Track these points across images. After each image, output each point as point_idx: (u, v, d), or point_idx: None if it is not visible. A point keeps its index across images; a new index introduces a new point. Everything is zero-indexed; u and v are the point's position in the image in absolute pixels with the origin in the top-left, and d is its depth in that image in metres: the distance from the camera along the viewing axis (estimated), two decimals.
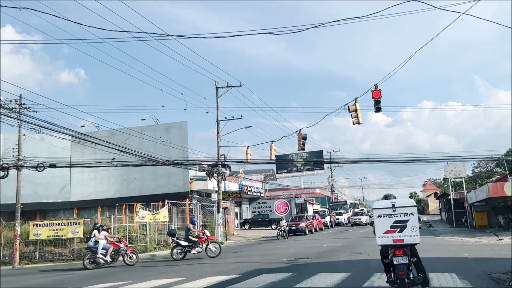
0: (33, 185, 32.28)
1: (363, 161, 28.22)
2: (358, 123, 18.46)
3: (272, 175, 61.98)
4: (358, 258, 13.81)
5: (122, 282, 10.90)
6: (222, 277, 10.54)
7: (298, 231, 32.55)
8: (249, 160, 28.83)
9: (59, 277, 14.22)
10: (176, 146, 30.26)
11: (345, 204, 57.12)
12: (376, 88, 16.63)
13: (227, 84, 30.13)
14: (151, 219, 23.77)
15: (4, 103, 21.16)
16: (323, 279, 9.24)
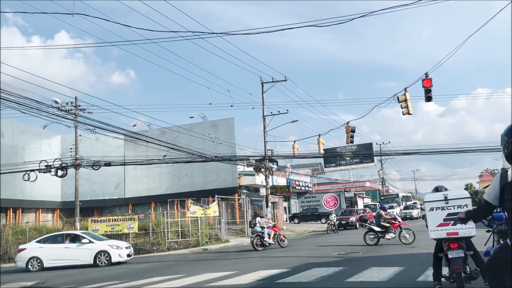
0: (90, 183, 33.83)
1: (415, 152, 27.42)
2: (408, 114, 17.93)
3: (320, 169, 61.45)
4: (412, 252, 13.45)
5: (176, 275, 11.22)
6: (273, 270, 10.61)
7: (348, 225, 32.15)
8: (296, 155, 28.73)
9: (117, 270, 14.85)
10: (224, 142, 30.69)
11: (397, 197, 55.65)
12: (427, 76, 16.09)
13: (272, 79, 30.14)
14: (202, 214, 24.26)
15: (61, 106, 22.28)
16: (375, 273, 9.09)
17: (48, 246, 17.48)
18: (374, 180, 66.79)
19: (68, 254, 17.21)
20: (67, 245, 17.45)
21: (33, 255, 17.17)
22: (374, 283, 8.00)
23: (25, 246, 17.93)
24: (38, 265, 17.10)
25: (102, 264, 16.91)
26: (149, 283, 10.18)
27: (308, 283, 8.43)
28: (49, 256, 17.18)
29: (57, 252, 17.26)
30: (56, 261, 17.20)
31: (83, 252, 17.20)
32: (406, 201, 54.44)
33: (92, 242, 17.52)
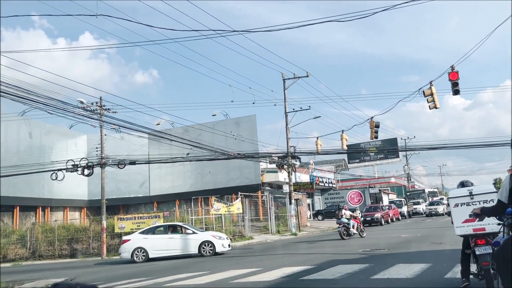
0: (116, 181, 34.41)
1: (441, 147, 26.86)
2: (434, 108, 17.58)
3: (343, 165, 60.96)
4: (439, 248, 13.20)
5: (201, 272, 11.31)
6: (297, 267, 10.57)
7: (373, 221, 31.80)
8: (319, 151, 28.54)
9: (141, 268, 15.06)
10: (246, 139, 30.73)
11: (423, 192, 54.73)
12: (453, 69, 15.74)
13: (294, 75, 29.98)
14: (225, 211, 24.37)
15: (86, 106, 22.69)
16: (401, 270, 8.95)
17: (152, 237, 17.57)
18: (399, 175, 65.87)
19: (172, 244, 17.28)
20: (171, 235, 17.53)
21: (138, 246, 17.21)
22: (401, 280, 7.88)
23: (129, 237, 17.96)
24: (143, 256, 17.15)
25: (207, 254, 16.92)
26: (175, 280, 10.29)
27: (333, 280, 8.36)
28: (153, 246, 17.27)
29: (162, 243, 17.36)
30: (161, 252, 17.32)
31: (187, 243, 17.26)
32: (432, 197, 53.49)
33: (196, 233, 17.69)
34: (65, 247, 24.68)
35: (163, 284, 9.83)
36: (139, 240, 17.43)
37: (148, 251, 17.20)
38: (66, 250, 24.59)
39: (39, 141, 32.19)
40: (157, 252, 17.31)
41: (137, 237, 17.72)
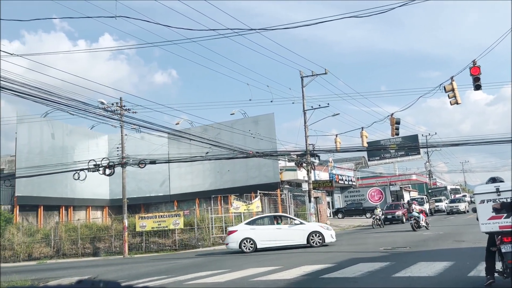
0: (136, 181, 34.81)
1: (463, 143, 26.28)
2: (456, 103, 17.29)
3: (363, 163, 60.40)
4: (462, 246, 13.00)
5: (221, 270, 11.37)
6: (318, 266, 10.53)
7: (394, 219, 31.44)
8: (339, 149, 28.33)
9: (163, 265, 15.22)
10: (265, 138, 30.71)
11: (445, 190, 53.85)
12: (475, 64, 15.43)
13: (312, 72, 29.80)
14: (245, 209, 24.43)
15: (107, 106, 23.01)
16: (423, 268, 8.84)
17: (259, 228, 17.54)
18: (420, 173, 64.94)
19: (280, 235, 17.21)
20: (279, 226, 17.48)
21: (246, 237, 17.16)
22: (423, 279, 7.78)
23: (235, 228, 17.92)
24: (251, 246, 17.06)
25: (316, 244, 16.70)
26: (195, 278, 10.37)
27: (354, 279, 8.31)
28: (261, 237, 17.21)
29: (270, 233, 17.29)
30: (269, 242, 17.21)
31: (295, 233, 17.13)
32: (455, 194, 52.59)
33: (303, 223, 17.72)
34: (88, 245, 25.11)
35: (183, 282, 9.92)
36: (246, 231, 17.33)
37: (256, 241, 17.06)
38: (89, 248, 25.01)
39: (61, 142, 32.77)
40: (264, 242, 17.14)
41: (243, 227, 17.63)
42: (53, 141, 32.11)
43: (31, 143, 30.33)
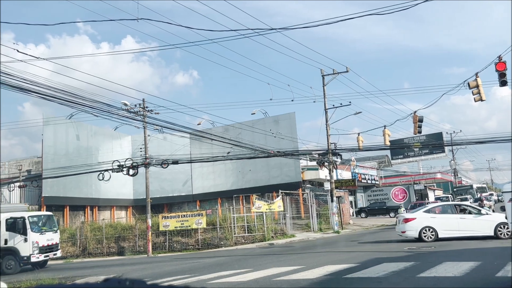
0: (159, 181, 35.23)
1: (489, 141, 25.77)
2: (480, 100, 16.93)
3: (387, 162, 59.68)
4: (489, 246, 12.70)
5: (244, 269, 11.40)
6: (341, 265, 10.46)
7: None
8: (361, 147, 28.07)
9: (187, 265, 15.36)
10: (286, 137, 30.67)
11: (471, 188, 52.76)
12: (500, 59, 15.08)
13: (333, 71, 29.61)
14: (267, 209, 24.43)
15: (130, 108, 23.34)
16: (449, 268, 8.68)
17: (441, 216, 16.90)
18: (445, 171, 63.75)
19: (465, 225, 16.38)
20: (463, 215, 16.78)
21: (426, 225, 16.52)
22: (449, 279, 7.64)
23: (414, 216, 17.28)
24: (432, 235, 16.27)
25: (504, 236, 15.16)
26: (218, 277, 10.42)
27: (378, 278, 8.22)
28: (443, 226, 16.54)
29: (453, 223, 16.54)
30: (451, 232, 16.44)
31: (482, 224, 16.21)
32: (481, 193, 51.52)
33: (489, 214, 16.85)
34: (113, 245, 25.51)
35: (207, 281, 9.99)
36: (426, 219, 16.66)
37: (437, 230, 16.35)
38: (113, 248, 25.41)
39: (86, 143, 33.40)
40: (447, 232, 16.39)
41: (422, 215, 16.98)
42: (78, 142, 32.75)
43: (57, 144, 31.00)
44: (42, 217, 19.51)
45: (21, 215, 18.56)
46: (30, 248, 17.94)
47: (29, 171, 34.09)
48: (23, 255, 17.85)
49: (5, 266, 17.88)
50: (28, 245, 17.95)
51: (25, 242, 17.95)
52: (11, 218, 18.38)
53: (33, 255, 17.94)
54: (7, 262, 17.94)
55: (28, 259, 17.88)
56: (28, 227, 18.10)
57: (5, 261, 17.96)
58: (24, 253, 17.86)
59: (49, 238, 18.98)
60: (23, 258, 17.86)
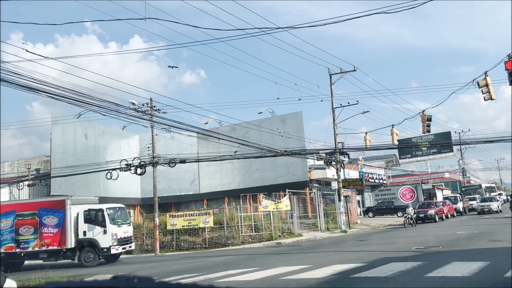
0: (167, 180, 35.33)
1: (498, 140, 25.52)
2: (490, 99, 16.82)
3: (394, 161, 59.41)
4: (498, 246, 12.61)
5: (251, 268, 11.42)
6: (348, 265, 10.43)
7: (426, 218, 30.78)
8: (369, 147, 27.96)
9: (194, 263, 15.41)
10: (293, 136, 30.63)
11: (480, 188, 52.39)
12: (510, 58, 14.95)
13: (341, 70, 29.51)
14: (274, 208, 24.43)
15: (137, 107, 23.44)
16: (457, 268, 8.63)
17: None
18: (453, 170, 63.35)
19: None
20: None
21: None
22: (457, 279, 7.59)
23: None
24: None
25: None
26: (226, 276, 10.45)
27: (385, 278, 8.19)
28: None
29: None
30: None
31: None
32: (490, 192, 51.13)
33: None
34: None
35: (214, 280, 10.02)
36: None
37: None
38: None
39: (94, 142, 33.58)
40: None
41: None
42: (86, 141, 32.94)
43: (65, 143, 31.21)
44: (117, 209, 19.50)
45: (99, 207, 18.60)
46: (110, 239, 17.86)
47: (38, 170, 34.36)
48: (103, 246, 17.77)
49: (84, 259, 17.83)
50: (107, 237, 17.88)
51: (104, 234, 17.87)
52: (89, 210, 18.36)
53: (113, 246, 17.86)
54: (86, 254, 17.89)
55: (108, 250, 17.81)
56: (107, 219, 18.05)
57: (83, 253, 17.91)
58: (104, 245, 17.78)
59: (125, 230, 19.01)
60: (103, 250, 17.80)
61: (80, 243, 18.06)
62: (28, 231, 18.22)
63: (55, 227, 18.09)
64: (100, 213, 18.20)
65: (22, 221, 18.36)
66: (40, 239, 18.12)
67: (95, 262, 17.75)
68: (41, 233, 18.14)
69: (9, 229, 18.36)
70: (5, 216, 18.46)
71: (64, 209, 18.16)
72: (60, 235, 17.97)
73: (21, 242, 18.29)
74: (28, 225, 18.24)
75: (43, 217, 18.26)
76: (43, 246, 18.09)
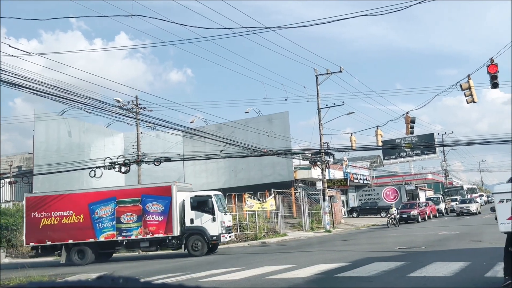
0: (152, 178, 34.96)
1: (480, 142, 25.95)
2: (472, 102, 17.09)
3: (379, 162, 59.95)
4: (478, 246, 12.83)
5: (236, 268, 11.41)
6: (332, 264, 10.50)
7: (409, 218, 31.16)
8: (354, 147, 28.18)
9: (178, 263, 15.32)
10: (279, 136, 30.70)
11: (461, 189, 53.18)
12: (492, 62, 15.23)
13: (327, 70, 29.66)
14: (259, 207, 24.45)
15: (123, 105, 23.25)
16: (439, 268, 8.75)
17: None
18: (436, 172, 64.22)
19: None
20: None
21: None
22: (439, 279, 7.71)
23: None
24: None
25: None
26: (210, 275, 10.43)
27: (369, 278, 8.27)
28: None
29: None
30: None
31: None
32: (471, 194, 51.92)
33: None
34: None
35: (198, 279, 9.99)
36: None
37: None
38: None
39: (78, 139, 33.19)
40: None
41: None
42: (70, 138, 32.54)
43: (49, 140, 30.78)
44: (219, 197, 18.60)
45: (206, 193, 17.92)
46: (219, 227, 17.13)
47: (20, 167, 33.84)
48: (212, 234, 17.03)
49: (192, 247, 17.10)
50: (216, 225, 17.11)
51: (213, 221, 17.08)
52: (196, 196, 17.68)
53: (222, 234, 17.20)
54: (194, 243, 17.13)
55: (217, 238, 17.12)
56: (215, 206, 17.31)
57: (191, 241, 17.15)
58: (213, 233, 17.05)
59: (229, 219, 18.35)
60: (212, 238, 17.04)
61: (187, 231, 17.22)
62: (131, 218, 17.23)
63: (160, 215, 17.12)
64: (209, 200, 17.46)
65: (123, 208, 17.35)
66: (144, 226, 17.12)
67: (203, 251, 16.98)
68: (145, 221, 17.14)
69: (109, 216, 17.37)
70: (105, 203, 17.51)
71: (170, 196, 17.24)
72: (166, 223, 17.05)
73: (123, 230, 17.27)
74: (131, 213, 17.26)
75: (146, 204, 17.25)
76: (148, 234, 17.13)
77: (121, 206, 17.43)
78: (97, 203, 17.59)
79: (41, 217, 17.81)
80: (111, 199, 17.60)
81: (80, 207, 17.63)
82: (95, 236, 17.42)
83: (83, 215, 17.56)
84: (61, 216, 17.70)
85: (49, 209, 17.83)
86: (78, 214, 17.60)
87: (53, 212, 17.78)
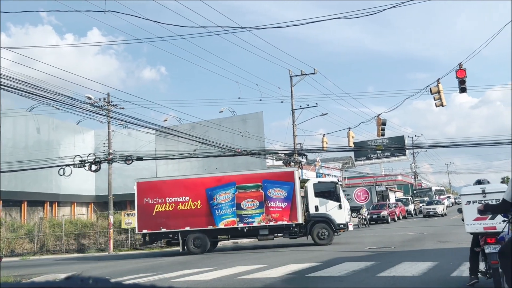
0: (123, 177, 34.50)
1: (448, 145, 26.64)
2: (441, 105, 17.51)
3: (350, 163, 60.77)
4: (445, 246, 13.17)
5: (207, 268, 11.36)
6: (304, 264, 10.59)
7: (380, 219, 31.72)
8: (326, 148, 28.46)
9: (149, 263, 15.15)
10: (253, 136, 30.72)
11: (430, 191, 54.41)
12: (461, 67, 15.64)
13: (301, 72, 29.86)
14: None
15: (94, 102, 22.80)
16: (407, 268, 8.94)
17: None
18: (406, 173, 65.59)
19: None
20: None
21: None
22: (407, 278, 7.87)
23: None
24: None
25: None
26: (181, 275, 10.34)
27: (339, 277, 8.37)
28: None
29: None
30: None
31: None
32: (439, 195, 53.16)
33: None
34: (73, 242, 24.88)
35: (170, 279, 9.89)
36: None
37: None
38: (73, 245, 24.79)
39: (47, 137, 32.37)
40: None
41: None
42: (39, 135, 31.71)
43: (16, 137, 29.91)
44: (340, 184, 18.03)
45: (331, 179, 17.35)
46: (345, 215, 16.50)
47: None
48: (339, 222, 16.38)
49: (317, 235, 16.40)
50: (343, 212, 16.49)
51: (339, 209, 16.47)
52: (320, 182, 17.02)
53: (350, 222, 16.61)
54: (320, 231, 16.43)
55: (345, 227, 16.52)
56: (341, 192, 16.71)
57: (316, 229, 16.45)
58: (340, 221, 16.40)
59: (348, 207, 17.57)
60: (339, 226, 16.43)
61: (312, 219, 16.60)
62: (252, 204, 16.40)
63: (283, 201, 16.37)
64: (336, 186, 16.88)
65: (244, 193, 16.51)
66: (267, 213, 16.34)
67: (330, 240, 16.36)
68: (267, 207, 16.35)
69: (229, 202, 16.50)
70: (224, 189, 16.61)
71: (293, 181, 16.56)
72: (289, 210, 16.32)
73: (244, 216, 16.44)
74: (252, 198, 16.44)
75: (268, 189, 16.46)
76: (271, 221, 16.34)
77: (241, 191, 16.61)
78: (216, 188, 16.74)
79: (154, 203, 16.81)
80: (230, 184, 16.76)
81: (197, 193, 16.77)
82: (214, 223, 16.59)
83: (200, 201, 16.69)
84: (176, 202, 16.76)
85: (163, 195, 16.88)
86: (195, 200, 16.70)
87: (167, 198, 16.82)
